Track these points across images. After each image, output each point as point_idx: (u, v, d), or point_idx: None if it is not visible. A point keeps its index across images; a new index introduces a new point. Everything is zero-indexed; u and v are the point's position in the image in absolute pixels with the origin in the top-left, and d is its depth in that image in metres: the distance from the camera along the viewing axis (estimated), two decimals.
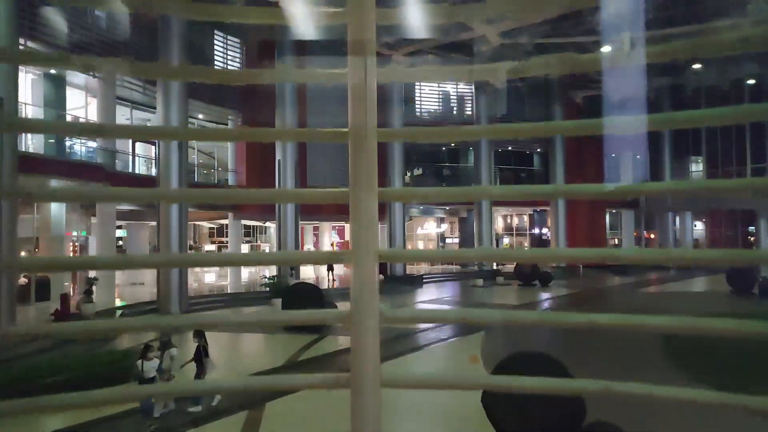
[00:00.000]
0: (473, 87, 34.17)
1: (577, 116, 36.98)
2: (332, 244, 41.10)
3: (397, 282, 27.16)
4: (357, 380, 1.35)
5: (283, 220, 24.81)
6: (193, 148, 27.02)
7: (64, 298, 15.71)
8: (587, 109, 37.00)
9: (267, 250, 41.16)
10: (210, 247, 39.24)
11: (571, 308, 20.60)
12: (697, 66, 30.58)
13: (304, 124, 25.47)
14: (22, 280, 17.69)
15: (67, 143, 19.65)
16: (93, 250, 21.84)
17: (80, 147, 20.21)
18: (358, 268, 1.35)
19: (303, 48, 23.24)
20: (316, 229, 39.27)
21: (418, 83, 34.15)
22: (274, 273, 23.69)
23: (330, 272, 29.17)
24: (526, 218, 42.85)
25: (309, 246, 39.91)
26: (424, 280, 29.60)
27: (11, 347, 11.79)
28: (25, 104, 17.73)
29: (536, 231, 41.89)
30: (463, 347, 13.39)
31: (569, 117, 36.10)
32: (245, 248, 36.70)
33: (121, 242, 27.42)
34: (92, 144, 20.34)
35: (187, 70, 1.64)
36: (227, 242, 30.75)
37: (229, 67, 25.54)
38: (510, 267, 31.33)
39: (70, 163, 18.13)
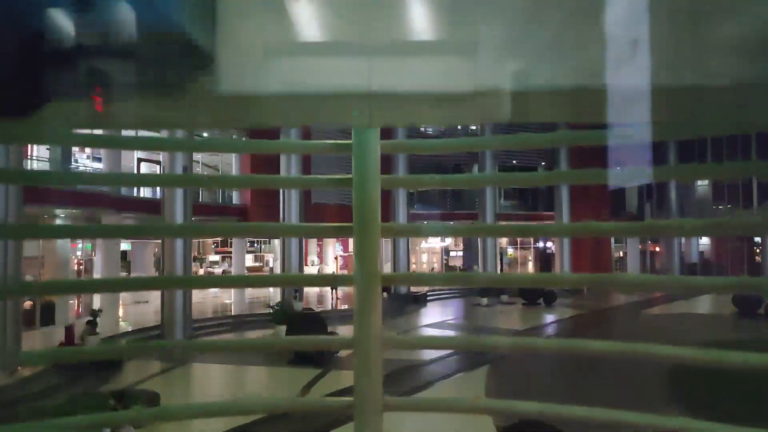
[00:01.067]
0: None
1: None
2: (336, 258, 41.14)
3: (401, 301, 27.03)
4: (360, 405, 1.31)
5: (287, 218, 24.64)
6: (198, 161, 27.12)
7: (69, 329, 15.69)
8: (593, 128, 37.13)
9: (271, 261, 41.18)
10: (214, 258, 39.32)
11: (577, 332, 20.48)
12: None
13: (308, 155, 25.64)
14: (27, 304, 17.68)
15: (73, 165, 19.81)
16: (98, 264, 21.85)
17: (86, 169, 20.35)
18: (361, 292, 1.32)
19: None
20: (320, 240, 39.34)
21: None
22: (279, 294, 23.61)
23: (334, 290, 29.07)
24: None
25: (313, 257, 39.75)
26: (428, 298, 29.42)
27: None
28: (30, 159, 17.85)
29: (541, 244, 41.78)
30: (469, 385, 13.01)
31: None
32: (249, 258, 36.68)
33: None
34: (98, 165, 20.48)
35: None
36: (231, 253, 30.78)
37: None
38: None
39: (75, 192, 18.15)
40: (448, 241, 42.99)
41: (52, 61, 0.96)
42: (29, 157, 18.47)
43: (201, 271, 36.42)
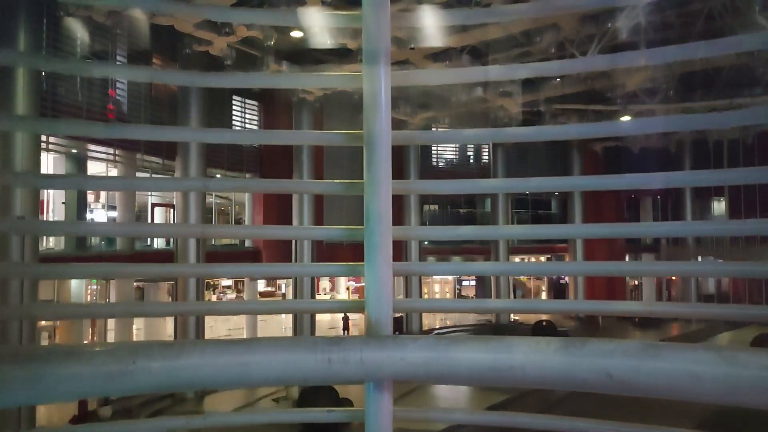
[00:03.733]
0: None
1: (597, 166, 37.07)
2: (348, 288, 40.67)
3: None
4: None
5: (300, 258, 24.72)
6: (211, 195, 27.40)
7: (82, 403, 15.63)
8: (607, 159, 37.00)
9: (283, 288, 40.84)
10: (227, 282, 39.18)
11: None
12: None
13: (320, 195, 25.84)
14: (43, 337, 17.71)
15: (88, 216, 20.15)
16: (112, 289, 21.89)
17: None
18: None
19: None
20: None
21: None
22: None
23: (346, 321, 28.59)
24: (543, 261, 42.31)
25: (325, 285, 39.32)
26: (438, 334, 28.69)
27: None
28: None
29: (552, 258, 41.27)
30: None
31: (588, 166, 36.25)
32: (261, 284, 36.38)
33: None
34: (113, 213, 20.82)
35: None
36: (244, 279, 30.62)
37: (248, 127, 26.36)
38: (527, 318, 30.60)
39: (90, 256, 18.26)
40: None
41: None
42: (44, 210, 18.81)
43: (214, 297, 36.17)
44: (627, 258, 40.18)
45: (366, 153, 1.36)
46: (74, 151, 18.83)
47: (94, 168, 20.79)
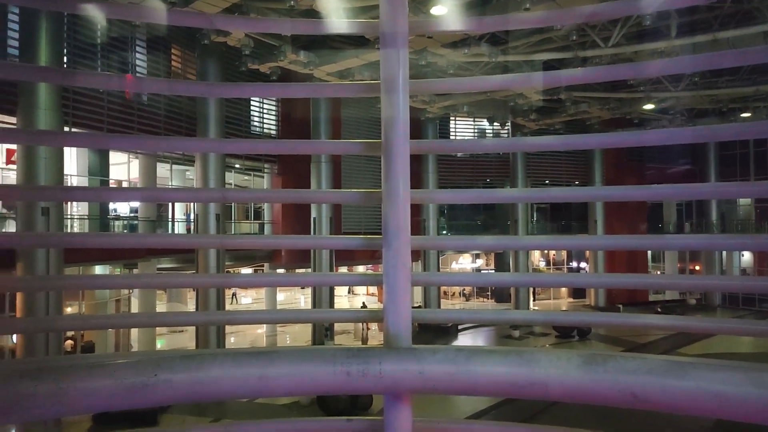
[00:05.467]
0: (510, 127, 34.13)
1: (618, 156, 36.57)
2: (367, 290, 40.98)
3: (431, 333, 26.51)
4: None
5: (318, 266, 25.00)
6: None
7: None
8: (630, 148, 36.49)
9: (302, 297, 41.54)
10: (246, 293, 39.91)
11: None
12: (746, 115, 29.54)
13: (338, 173, 25.91)
14: (68, 343, 18.09)
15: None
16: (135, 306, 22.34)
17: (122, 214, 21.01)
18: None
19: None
20: (350, 269, 39.35)
21: (453, 121, 34.42)
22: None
23: (365, 323, 28.81)
24: (564, 251, 41.93)
25: (343, 291, 39.79)
26: (459, 329, 28.76)
27: None
28: (70, 176, 18.50)
29: (574, 264, 40.92)
30: None
31: (609, 158, 35.79)
32: (281, 295, 36.99)
33: None
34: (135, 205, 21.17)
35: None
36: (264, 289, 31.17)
37: (265, 108, 26.45)
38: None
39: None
40: (480, 262, 42.53)
41: None
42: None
43: (230, 292, 36.70)
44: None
45: (384, 162, 1.35)
46: None
47: (115, 158, 21.08)
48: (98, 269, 17.70)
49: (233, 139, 2.25)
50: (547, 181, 37.91)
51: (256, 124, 26.08)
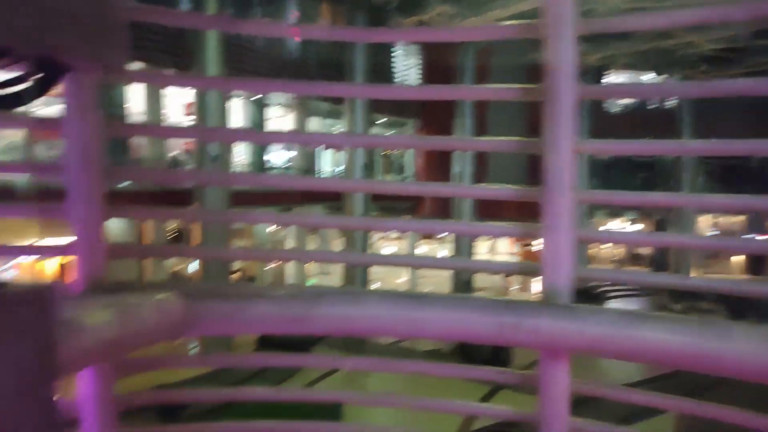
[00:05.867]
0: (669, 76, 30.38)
1: None
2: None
3: (577, 299, 24.97)
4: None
5: (459, 204, 24.19)
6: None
7: None
8: None
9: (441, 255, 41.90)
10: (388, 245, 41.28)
11: None
12: None
13: (484, 128, 25.19)
14: (236, 275, 20.46)
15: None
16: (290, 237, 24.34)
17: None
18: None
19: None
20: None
21: (609, 75, 31.52)
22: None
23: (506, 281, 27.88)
24: (738, 220, 36.90)
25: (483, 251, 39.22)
26: (608, 295, 26.72)
27: None
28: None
29: (752, 236, 35.96)
30: None
31: None
32: (421, 250, 37.59)
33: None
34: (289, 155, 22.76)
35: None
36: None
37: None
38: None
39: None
40: (637, 226, 38.96)
41: None
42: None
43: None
44: None
45: (547, 108, 1.25)
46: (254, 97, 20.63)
47: (271, 113, 22.68)
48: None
49: (387, 84, 2.26)
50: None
51: (399, 78, 26.32)
